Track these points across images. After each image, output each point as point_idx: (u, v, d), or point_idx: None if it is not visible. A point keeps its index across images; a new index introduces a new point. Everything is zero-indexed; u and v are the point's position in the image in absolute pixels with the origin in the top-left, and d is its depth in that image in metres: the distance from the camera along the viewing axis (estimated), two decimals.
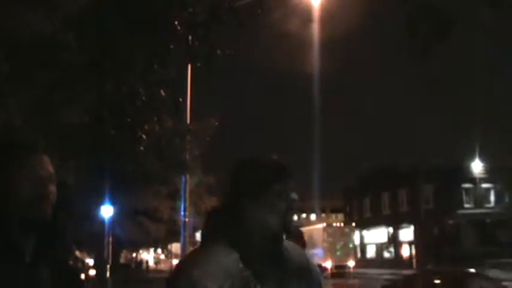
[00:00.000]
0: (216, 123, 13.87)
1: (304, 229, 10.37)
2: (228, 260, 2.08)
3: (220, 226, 2.19)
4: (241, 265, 2.09)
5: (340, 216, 79.49)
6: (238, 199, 2.19)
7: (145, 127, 10.30)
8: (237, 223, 2.16)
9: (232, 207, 2.20)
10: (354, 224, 51.80)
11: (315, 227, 47.98)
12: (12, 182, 2.10)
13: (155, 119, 10.61)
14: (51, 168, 2.22)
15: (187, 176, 19.01)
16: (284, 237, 2.23)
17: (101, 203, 24.00)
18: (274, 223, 2.14)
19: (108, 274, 25.05)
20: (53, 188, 2.18)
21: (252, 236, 2.15)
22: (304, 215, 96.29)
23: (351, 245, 46.16)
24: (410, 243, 55.36)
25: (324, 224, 48.18)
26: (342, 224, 51.51)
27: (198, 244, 2.30)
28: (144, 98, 9.99)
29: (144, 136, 10.22)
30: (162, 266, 75.58)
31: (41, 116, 9.52)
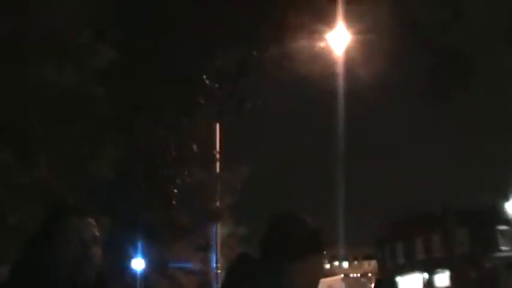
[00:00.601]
0: (247, 172, 13.89)
1: (324, 280, 10.29)
2: None
3: (249, 281, 2.17)
4: None
5: (373, 263, 78.25)
6: (273, 259, 2.17)
7: (177, 181, 10.35)
8: (271, 281, 2.13)
9: (266, 267, 2.17)
10: (370, 275, 52.09)
11: (333, 278, 48.61)
12: (58, 245, 2.15)
13: (185, 172, 10.66)
14: (96, 231, 2.26)
15: (218, 227, 18.97)
16: None
17: (132, 256, 23.99)
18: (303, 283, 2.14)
19: None
20: (97, 250, 2.22)
21: None
22: (336, 263, 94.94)
23: None
24: None
25: (342, 275, 49.44)
26: (359, 275, 52.43)
27: None
28: (174, 152, 10.06)
29: (175, 190, 10.26)
30: None
31: (72, 172, 9.62)
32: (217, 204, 13.17)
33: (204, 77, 8.69)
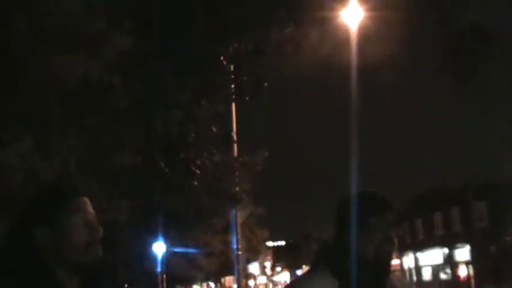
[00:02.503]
0: (266, 154, 13.89)
1: None
2: (328, 287, 2.27)
3: (325, 256, 2.42)
4: None
5: None
6: (339, 232, 2.42)
7: (197, 162, 10.38)
8: (338, 254, 2.35)
9: (336, 240, 2.44)
10: None
11: None
12: (66, 228, 2.09)
13: (205, 154, 10.70)
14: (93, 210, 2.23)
15: (238, 209, 19.03)
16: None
17: (153, 240, 24.18)
18: (370, 253, 2.32)
19: None
20: (100, 230, 2.19)
21: (350, 266, 2.28)
22: None
23: None
24: (467, 263, 53.97)
25: None
26: None
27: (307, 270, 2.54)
28: (193, 135, 10.10)
29: (198, 171, 10.30)
30: None
31: (93, 160, 9.69)
32: (237, 188, 13.21)
33: (221, 58, 8.68)
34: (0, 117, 8.13)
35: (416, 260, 62.84)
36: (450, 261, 57.00)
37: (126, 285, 29.56)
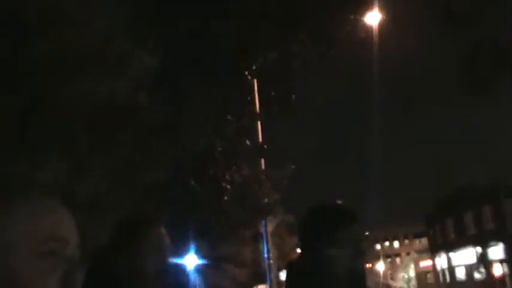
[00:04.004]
0: (293, 167, 13.96)
1: None
2: None
3: (294, 281, 2.26)
4: None
5: (424, 240, 77.64)
6: (305, 252, 2.23)
7: (227, 177, 10.47)
8: (312, 276, 2.17)
9: (303, 261, 2.24)
10: None
11: None
12: (138, 257, 2.13)
13: (234, 168, 10.79)
14: (168, 241, 2.28)
15: (267, 219, 19.10)
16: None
17: (185, 253, 24.33)
18: (341, 271, 2.12)
19: None
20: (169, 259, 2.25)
21: (328, 283, 2.14)
22: (387, 243, 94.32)
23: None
24: (501, 262, 53.29)
25: None
26: None
27: None
28: (220, 149, 10.18)
29: (228, 186, 10.38)
30: None
31: (124, 178, 9.80)
32: (266, 200, 13.30)
33: (246, 73, 8.75)
34: (33, 140, 8.24)
35: (449, 260, 62.21)
36: (484, 260, 56.32)
37: None
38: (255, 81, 9.03)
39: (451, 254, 62.12)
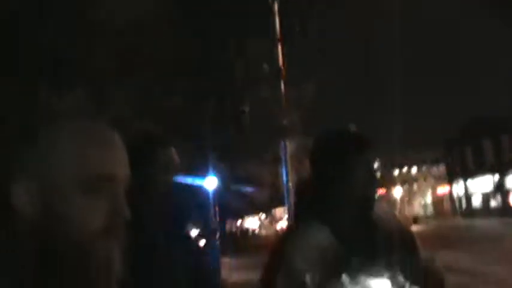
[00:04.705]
0: (314, 87, 14.02)
1: None
2: (319, 235, 2.12)
3: (309, 202, 2.27)
4: (332, 239, 2.11)
5: (442, 167, 77.85)
6: (318, 174, 2.22)
7: (246, 100, 10.63)
8: (323, 197, 2.18)
9: (315, 184, 2.23)
10: None
11: None
12: (146, 178, 2.15)
13: (254, 89, 10.93)
14: (177, 159, 2.33)
15: (287, 141, 19.35)
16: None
17: (205, 175, 24.77)
18: (354, 194, 2.13)
19: (217, 244, 25.80)
20: (172, 177, 2.30)
21: (338, 208, 2.16)
22: (404, 169, 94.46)
23: None
24: None
25: None
26: None
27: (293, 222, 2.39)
28: (241, 72, 10.29)
29: (246, 109, 10.54)
30: (267, 232, 76.65)
31: (146, 105, 9.95)
32: (285, 122, 13.45)
33: None
34: (55, 66, 8.31)
35: (466, 187, 62.58)
36: (500, 189, 56.58)
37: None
38: (276, 3, 9.05)
39: (468, 182, 62.42)
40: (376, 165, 2.24)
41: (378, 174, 2.33)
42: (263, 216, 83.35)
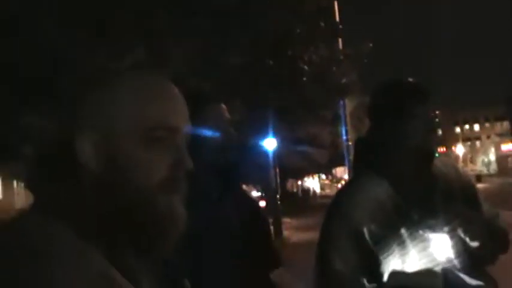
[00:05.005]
0: (370, 45, 13.83)
1: None
2: (378, 189, 2.09)
3: (367, 156, 2.20)
4: (391, 192, 2.08)
5: (506, 124, 75.92)
6: (377, 124, 2.19)
7: (305, 58, 10.57)
8: (382, 150, 2.14)
9: (374, 134, 2.20)
10: None
11: None
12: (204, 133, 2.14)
13: (311, 49, 10.85)
14: (228, 115, 2.30)
15: (346, 100, 19.20)
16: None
17: (264, 135, 24.83)
18: (415, 145, 2.09)
19: (277, 204, 25.94)
20: (233, 133, 2.28)
21: (397, 161, 2.12)
22: (467, 126, 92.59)
23: None
24: None
25: None
26: None
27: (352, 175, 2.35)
28: (299, 31, 10.23)
29: (306, 67, 10.50)
30: (328, 192, 76.72)
31: (202, 62, 10.01)
32: (344, 80, 13.34)
33: None
34: (111, 27, 8.39)
35: None
36: None
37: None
38: None
39: None
40: (436, 119, 2.23)
41: (439, 131, 2.28)
42: (323, 176, 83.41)
